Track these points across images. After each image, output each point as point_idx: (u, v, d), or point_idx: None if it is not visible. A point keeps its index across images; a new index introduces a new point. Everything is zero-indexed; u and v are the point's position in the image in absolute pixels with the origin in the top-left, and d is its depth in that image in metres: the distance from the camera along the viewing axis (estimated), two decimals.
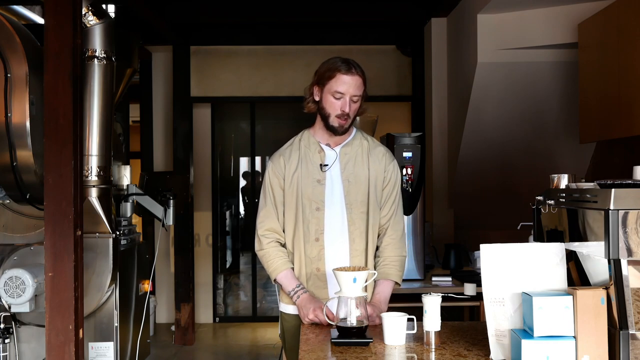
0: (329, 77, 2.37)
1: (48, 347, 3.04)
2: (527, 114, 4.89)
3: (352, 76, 2.36)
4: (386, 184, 2.49)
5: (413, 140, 3.91)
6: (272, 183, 2.49)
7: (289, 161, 2.47)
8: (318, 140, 2.48)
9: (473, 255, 4.34)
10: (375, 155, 2.48)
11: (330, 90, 2.37)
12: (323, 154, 2.46)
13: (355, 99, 2.38)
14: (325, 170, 2.44)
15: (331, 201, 2.42)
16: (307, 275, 2.43)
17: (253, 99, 6.71)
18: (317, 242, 2.41)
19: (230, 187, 7.33)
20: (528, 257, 1.85)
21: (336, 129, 2.40)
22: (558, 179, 2.08)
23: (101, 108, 3.58)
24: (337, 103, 2.37)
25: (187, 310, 6.10)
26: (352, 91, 2.36)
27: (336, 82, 2.35)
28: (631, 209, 1.65)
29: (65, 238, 3.04)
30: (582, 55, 4.07)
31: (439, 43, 5.51)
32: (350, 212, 2.42)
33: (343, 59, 2.40)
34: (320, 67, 2.43)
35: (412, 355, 1.97)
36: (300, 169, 2.45)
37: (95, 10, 3.55)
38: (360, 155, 2.47)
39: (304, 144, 2.50)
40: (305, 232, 2.42)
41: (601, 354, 1.70)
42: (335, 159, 2.46)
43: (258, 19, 5.86)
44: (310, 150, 2.48)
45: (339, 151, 2.47)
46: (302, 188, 2.43)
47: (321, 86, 2.40)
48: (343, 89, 2.35)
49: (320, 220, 2.42)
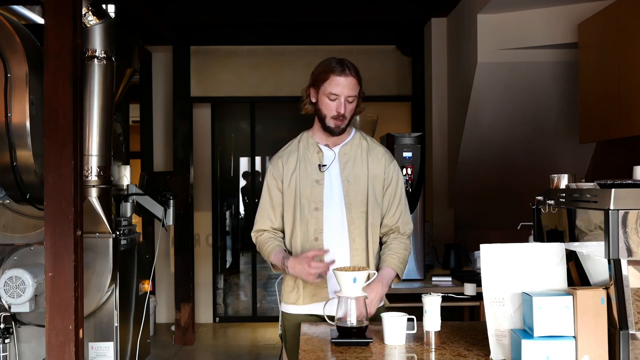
0: (323, 78, 2.38)
1: (48, 347, 3.04)
2: (527, 114, 4.89)
3: (346, 77, 2.36)
4: (388, 185, 2.48)
5: (413, 140, 3.91)
6: (270, 185, 2.51)
7: (287, 163, 2.48)
8: (317, 141, 2.49)
9: (473, 255, 4.34)
10: (374, 155, 2.48)
11: (325, 92, 2.38)
12: (321, 154, 2.47)
13: (350, 99, 2.39)
14: (324, 171, 2.44)
15: (330, 201, 2.42)
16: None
17: (253, 99, 6.71)
18: (316, 241, 2.42)
19: (230, 187, 7.32)
20: (528, 257, 1.85)
21: (332, 129, 2.41)
22: (558, 179, 2.08)
23: (101, 108, 3.58)
24: (332, 104, 2.38)
25: (187, 310, 6.10)
26: (346, 92, 2.37)
27: (330, 84, 2.36)
28: (631, 209, 1.65)
29: (65, 238, 3.04)
30: (582, 55, 4.07)
31: (439, 43, 5.51)
32: (350, 211, 2.42)
33: (337, 60, 2.40)
34: (315, 69, 2.44)
35: (412, 355, 1.97)
36: (298, 170, 2.46)
37: (95, 10, 3.55)
38: (359, 155, 2.47)
39: (303, 144, 2.51)
40: (304, 232, 2.43)
41: (601, 354, 1.70)
42: (333, 159, 2.46)
43: (258, 19, 5.86)
44: (309, 151, 2.48)
45: (337, 151, 2.47)
46: (300, 188, 2.44)
47: (316, 88, 2.41)
48: (337, 91, 2.36)
49: (319, 220, 2.42)
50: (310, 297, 2.43)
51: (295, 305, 2.45)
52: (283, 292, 2.51)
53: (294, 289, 2.46)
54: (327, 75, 2.37)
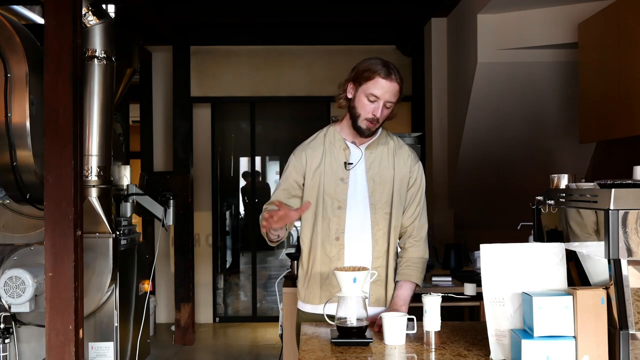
0: (367, 77, 2.28)
1: (48, 347, 3.04)
2: (527, 114, 4.89)
3: (391, 82, 2.27)
4: (411, 185, 2.43)
5: (413, 140, 3.91)
6: (290, 177, 2.43)
7: (312, 156, 2.41)
8: (344, 137, 2.42)
9: (473, 255, 4.34)
10: (400, 156, 2.43)
11: (366, 91, 2.29)
12: (348, 151, 2.40)
13: (389, 105, 2.31)
14: (350, 169, 2.39)
15: (354, 200, 2.37)
16: (323, 274, 2.38)
17: (253, 99, 6.72)
18: (337, 241, 2.36)
19: (230, 187, 7.32)
20: (528, 257, 1.85)
21: (363, 130, 2.34)
22: (558, 179, 2.07)
23: (101, 108, 3.58)
24: (369, 106, 2.30)
25: (187, 310, 6.10)
26: (387, 97, 2.29)
27: (373, 85, 2.28)
28: (631, 209, 1.65)
29: (65, 238, 3.04)
30: (582, 55, 4.07)
31: (439, 43, 5.51)
32: (374, 212, 2.37)
33: (384, 62, 2.30)
34: (359, 65, 2.34)
35: (412, 355, 1.97)
36: (323, 165, 2.39)
37: (95, 10, 3.55)
38: (386, 155, 2.42)
39: (329, 139, 2.43)
40: (324, 231, 2.37)
41: (601, 354, 1.70)
42: (360, 158, 2.40)
43: (258, 19, 5.86)
44: (335, 147, 2.41)
45: (364, 150, 2.41)
46: (324, 185, 2.38)
47: (357, 85, 2.32)
48: (379, 93, 2.28)
49: (341, 219, 2.36)
50: (327, 296, 2.36)
51: (312, 305, 2.41)
52: (301, 291, 2.46)
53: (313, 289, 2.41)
54: (372, 75, 2.27)
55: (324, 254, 2.38)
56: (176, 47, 6.24)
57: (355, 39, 6.22)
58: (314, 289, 2.41)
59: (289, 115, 7.11)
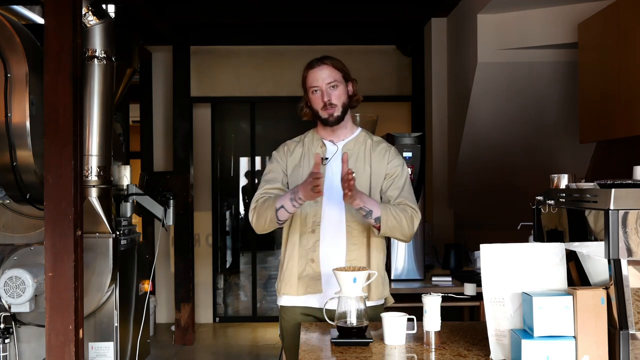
0: (304, 79, 2.49)
1: (48, 347, 3.04)
2: (527, 114, 4.89)
3: (319, 67, 2.44)
4: (392, 175, 2.47)
5: (413, 140, 3.91)
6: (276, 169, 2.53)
7: (292, 153, 2.54)
8: (321, 137, 2.55)
9: (473, 255, 4.34)
10: (378, 152, 2.51)
11: (309, 89, 2.47)
12: (325, 148, 2.52)
13: (332, 84, 2.43)
14: (325, 164, 2.47)
15: (330, 194, 2.43)
16: (300, 265, 2.45)
17: (253, 99, 6.72)
18: (313, 233, 2.44)
19: (230, 187, 7.32)
20: (528, 257, 1.85)
21: (327, 120, 2.45)
22: (558, 179, 2.08)
23: (101, 108, 3.58)
24: (317, 97, 2.45)
25: (187, 310, 6.10)
26: (324, 80, 2.43)
27: (309, 80, 2.46)
28: (631, 209, 1.65)
29: (65, 238, 3.04)
30: (582, 55, 4.07)
31: (439, 43, 5.51)
32: (349, 205, 2.40)
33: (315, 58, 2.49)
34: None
35: (412, 355, 1.97)
36: (302, 164, 2.50)
37: (95, 10, 3.55)
38: (362, 152, 2.50)
39: (308, 140, 2.57)
40: (301, 224, 2.46)
41: (601, 354, 1.70)
42: (335, 152, 2.50)
43: (258, 19, 5.86)
44: (313, 146, 2.54)
45: (341, 147, 2.51)
46: (301, 180, 2.43)
47: (305, 90, 2.51)
48: (316, 83, 2.43)
49: (317, 212, 2.45)
50: (304, 288, 2.44)
51: (289, 296, 2.47)
52: (278, 285, 2.53)
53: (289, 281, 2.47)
54: (305, 73, 2.48)
55: (300, 247, 2.46)
56: (176, 47, 6.24)
57: (355, 39, 6.22)
58: (290, 280, 2.47)
59: (289, 115, 7.09)
